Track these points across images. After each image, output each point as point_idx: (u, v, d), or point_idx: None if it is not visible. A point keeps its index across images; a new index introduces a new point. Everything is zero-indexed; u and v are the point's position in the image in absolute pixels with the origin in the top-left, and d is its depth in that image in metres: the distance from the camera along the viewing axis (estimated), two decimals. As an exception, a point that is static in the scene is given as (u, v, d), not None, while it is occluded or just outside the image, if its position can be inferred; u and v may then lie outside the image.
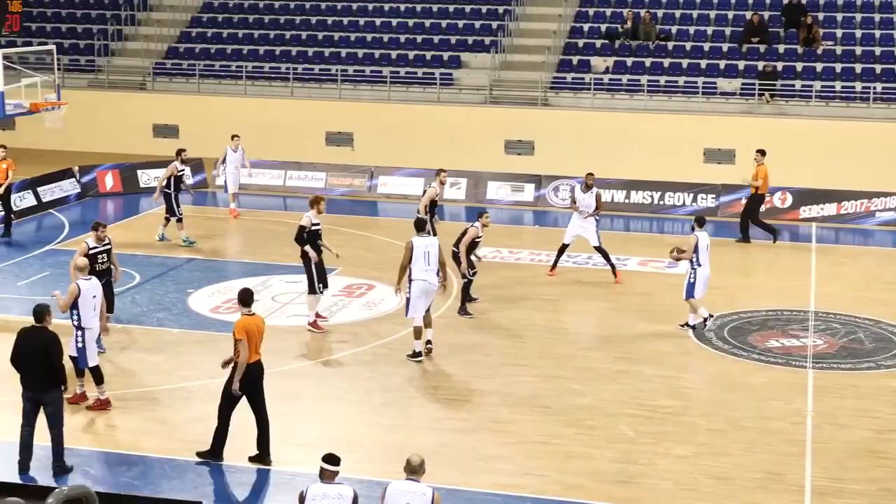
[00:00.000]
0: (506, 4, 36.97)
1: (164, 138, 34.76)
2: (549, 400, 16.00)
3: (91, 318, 15.22)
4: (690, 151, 31.48)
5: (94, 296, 15.27)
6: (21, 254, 23.48)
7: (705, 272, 19.28)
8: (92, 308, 15.19)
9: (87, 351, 15.20)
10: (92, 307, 15.19)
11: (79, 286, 15.17)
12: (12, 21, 22.18)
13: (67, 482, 12.92)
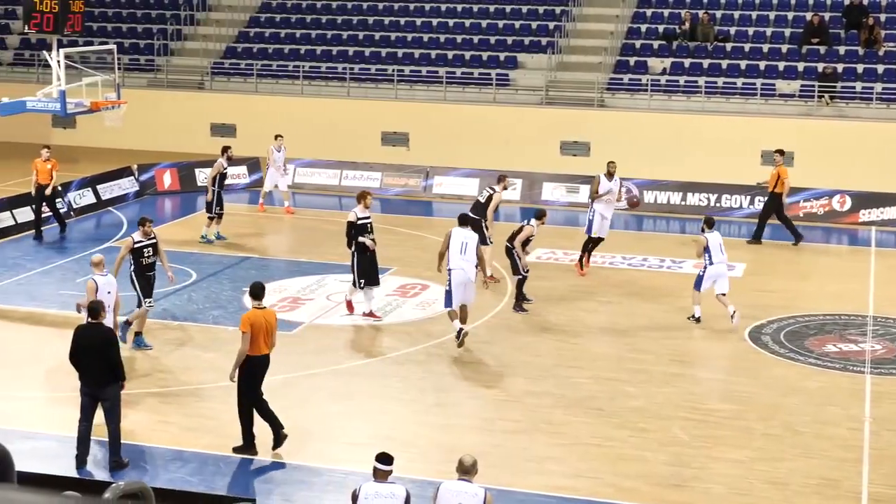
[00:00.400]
0: (563, 5, 36.88)
1: (222, 137, 35.00)
2: (603, 402, 15.94)
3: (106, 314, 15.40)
4: (748, 153, 31.21)
5: (109, 292, 15.55)
6: (79, 251, 23.75)
7: (716, 270, 19.61)
8: (105, 304, 15.37)
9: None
10: (105, 303, 15.37)
11: (95, 282, 15.40)
12: (74, 21, 22.41)
13: (123, 477, 13.06)
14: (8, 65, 38.57)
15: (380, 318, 19.59)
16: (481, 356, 17.76)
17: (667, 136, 31.86)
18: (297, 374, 16.81)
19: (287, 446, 14.14)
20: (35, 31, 22.92)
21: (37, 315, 19.64)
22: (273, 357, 17.29)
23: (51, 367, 16.89)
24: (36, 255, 23.74)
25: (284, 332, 18.67)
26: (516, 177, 30.10)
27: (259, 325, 13.69)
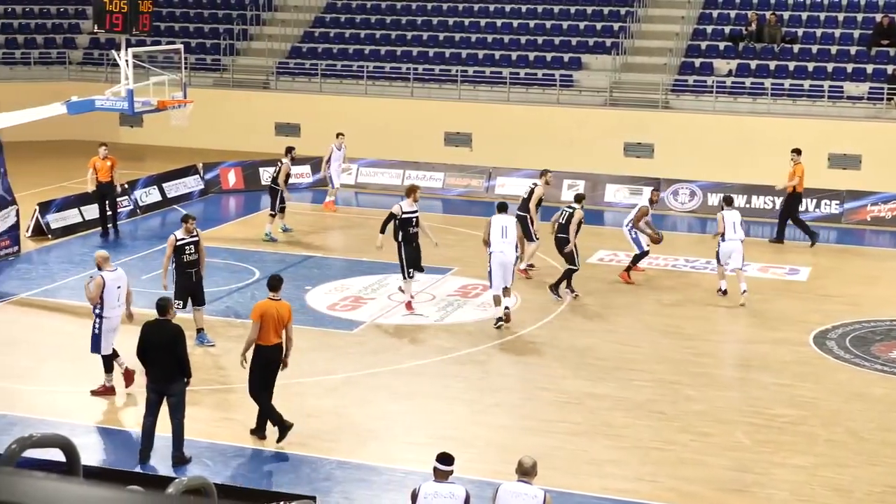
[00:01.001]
0: (628, 6, 36.70)
1: (286, 137, 35.24)
2: (664, 405, 15.84)
3: (113, 308, 15.66)
4: (814, 156, 30.82)
5: (119, 286, 15.72)
6: (145, 248, 24.02)
7: (728, 246, 20.97)
8: (115, 298, 15.63)
9: (101, 339, 15.67)
10: (115, 297, 15.63)
11: (103, 278, 15.62)
12: (143, 21, 22.67)
13: (186, 473, 13.19)
14: (77, 64, 39.12)
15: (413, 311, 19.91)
16: (542, 358, 17.73)
17: (731, 139, 31.58)
18: (358, 373, 16.88)
19: (348, 445, 14.22)
20: (104, 30, 23.21)
21: (103, 311, 19.87)
22: (333, 356, 17.39)
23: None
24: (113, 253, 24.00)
25: (345, 332, 18.81)
26: (579, 178, 30.00)
27: (269, 316, 13.92)
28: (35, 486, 1.41)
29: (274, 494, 11.35)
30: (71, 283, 21.43)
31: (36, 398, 15.78)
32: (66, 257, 23.20)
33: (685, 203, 28.63)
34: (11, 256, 23.06)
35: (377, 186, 31.08)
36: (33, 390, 15.98)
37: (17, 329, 18.82)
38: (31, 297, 20.51)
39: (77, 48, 39.78)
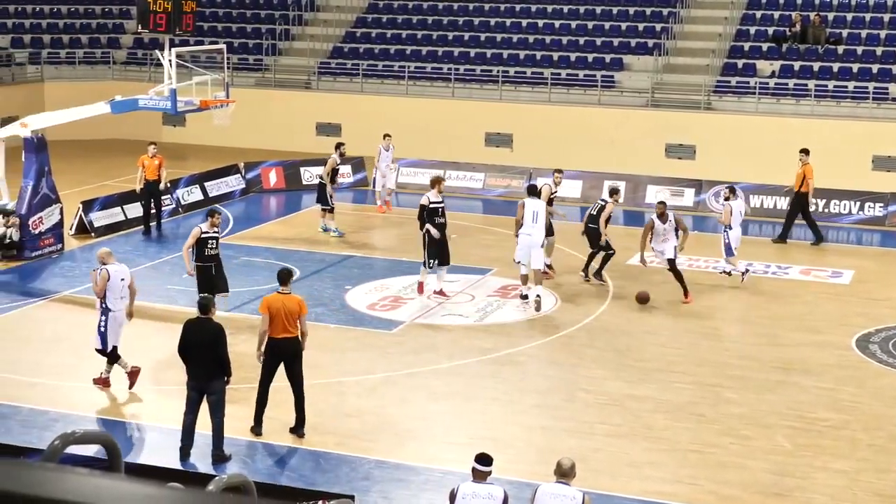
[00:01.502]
0: (670, 7, 36.55)
1: (327, 136, 35.39)
2: (704, 408, 15.76)
3: (117, 302, 15.79)
4: (858, 158, 30.61)
5: (122, 279, 15.85)
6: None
7: (735, 234, 22.05)
8: (119, 291, 15.75)
9: (108, 334, 15.81)
10: (119, 290, 15.76)
11: (108, 272, 15.75)
12: (186, 20, 22.82)
13: (226, 470, 13.26)
14: (121, 63, 39.43)
15: (448, 296, 20.54)
16: (581, 359, 17.69)
17: (774, 140, 31.36)
18: (397, 372, 16.91)
19: (386, 444, 14.25)
20: (148, 30, 23.38)
21: (144, 309, 20.01)
22: (373, 355, 17.41)
23: (157, 359, 17.23)
24: (145, 249, 24.23)
25: (385, 331, 18.84)
26: (620, 179, 29.89)
27: (277, 309, 14.03)
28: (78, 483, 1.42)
29: (313, 493, 11.39)
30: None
31: (78, 395, 15.92)
32: (108, 255, 23.39)
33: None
34: (55, 254, 23.28)
35: (417, 186, 31.06)
36: (75, 387, 16.13)
37: (60, 326, 19.00)
38: (74, 295, 20.69)
39: (121, 48, 40.10)
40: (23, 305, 20.14)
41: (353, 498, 11.61)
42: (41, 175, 23.07)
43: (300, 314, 14.15)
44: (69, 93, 35.03)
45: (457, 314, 19.88)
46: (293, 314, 14.08)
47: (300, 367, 14.31)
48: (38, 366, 16.96)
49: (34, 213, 22.88)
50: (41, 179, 23.07)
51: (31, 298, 20.63)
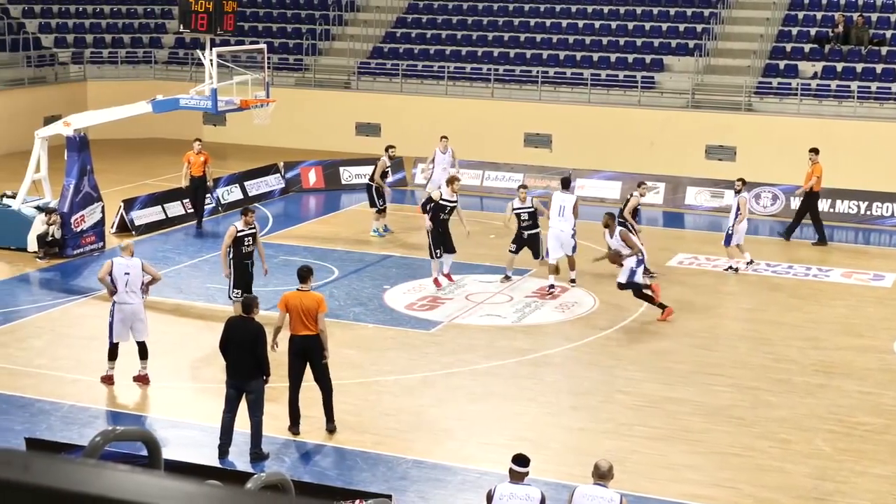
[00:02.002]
0: (711, 8, 36.36)
1: (366, 136, 35.50)
2: (743, 411, 15.67)
3: (121, 295, 15.85)
4: (901, 160, 30.32)
5: (126, 272, 15.87)
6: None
7: (744, 226, 22.81)
8: (123, 284, 15.79)
9: (112, 327, 15.94)
10: (123, 283, 15.79)
11: (112, 262, 15.98)
12: (227, 20, 22.94)
13: (264, 469, 13.32)
14: (163, 63, 39.70)
15: (454, 281, 21.22)
16: (619, 360, 17.63)
17: (816, 142, 31.02)
18: (435, 373, 16.92)
19: (423, 444, 14.26)
20: (190, 30, 23.52)
21: (184, 307, 20.17)
22: (411, 355, 17.44)
23: (196, 357, 17.33)
24: (185, 248, 24.37)
25: (423, 331, 18.86)
26: (659, 180, 29.78)
27: (294, 306, 14.11)
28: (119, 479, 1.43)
29: (350, 492, 11.41)
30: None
31: (118, 392, 16.04)
32: (149, 254, 23.52)
33: (767, 207, 28.28)
34: (96, 252, 23.47)
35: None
36: (117, 384, 16.23)
37: (100, 323, 19.11)
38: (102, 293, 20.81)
39: (163, 48, 40.37)
40: (64, 303, 20.32)
41: (390, 497, 11.63)
42: (83, 174, 23.27)
43: (318, 312, 14.19)
44: (111, 92, 35.32)
45: (495, 315, 19.87)
46: (310, 311, 14.12)
47: (324, 365, 14.33)
48: (79, 362, 17.11)
49: (76, 211, 23.07)
50: (83, 178, 23.26)
51: (72, 296, 20.81)
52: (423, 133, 34.36)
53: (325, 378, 14.39)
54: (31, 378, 16.44)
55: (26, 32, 38.62)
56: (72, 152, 23.16)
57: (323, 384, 14.40)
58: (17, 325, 18.96)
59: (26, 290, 21.43)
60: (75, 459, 1.48)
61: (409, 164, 31.43)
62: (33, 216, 23.16)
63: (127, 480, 1.44)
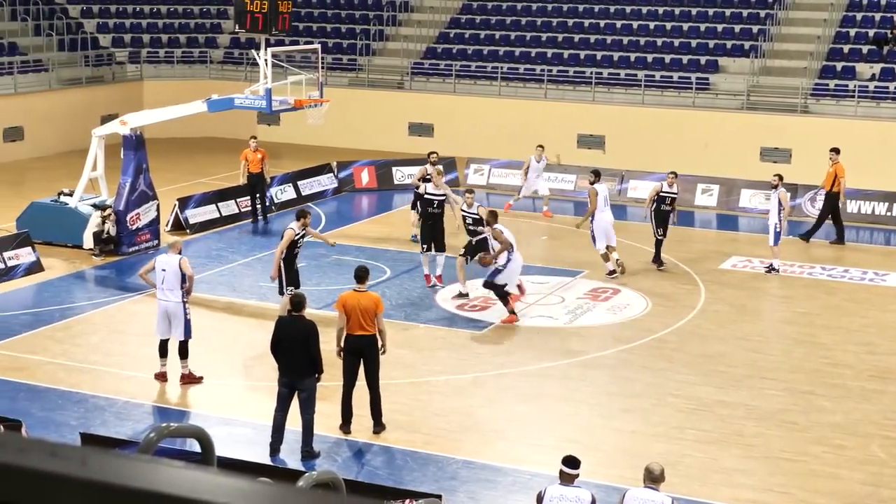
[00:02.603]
0: (768, 9, 36.06)
1: (419, 137, 35.55)
2: (797, 415, 15.52)
3: (159, 292, 16.09)
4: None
5: (164, 269, 16.02)
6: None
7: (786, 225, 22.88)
8: (160, 281, 15.98)
9: (157, 324, 16.15)
10: (160, 280, 15.98)
11: (154, 260, 16.34)
12: (282, 20, 23.08)
13: (315, 467, 13.38)
14: (218, 63, 39.99)
15: (443, 284, 21.31)
16: (672, 363, 17.52)
17: (873, 145, 30.78)
18: (487, 373, 16.92)
19: (474, 445, 14.26)
20: (245, 30, 23.68)
21: (237, 305, 20.30)
22: (462, 355, 17.45)
23: (248, 355, 17.44)
24: (238, 246, 24.53)
25: (474, 332, 18.85)
26: (713, 182, 29.58)
27: (352, 306, 14.12)
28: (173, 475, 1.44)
29: (400, 492, 11.44)
30: (206, 277, 21.89)
31: (171, 389, 16.18)
32: (202, 252, 23.72)
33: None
34: (151, 250, 23.68)
35: (508, 188, 31.04)
36: (169, 381, 16.37)
37: (154, 321, 19.29)
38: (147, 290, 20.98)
39: (218, 47, 40.67)
40: (119, 300, 20.52)
41: (440, 497, 11.64)
42: (139, 172, 23.49)
43: (376, 312, 14.22)
44: (167, 91, 35.64)
45: (546, 316, 19.83)
46: (368, 312, 14.15)
47: (376, 366, 14.35)
48: (134, 359, 17.28)
49: (131, 209, 23.30)
50: (139, 176, 23.49)
51: (127, 293, 21.01)
52: (476, 134, 34.39)
53: (375, 380, 14.41)
54: (87, 374, 16.63)
55: (84, 32, 39.07)
56: (128, 151, 23.39)
57: (372, 386, 14.42)
58: (72, 322, 19.18)
59: (82, 287, 21.67)
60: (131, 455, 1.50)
61: (461, 164, 31.44)
62: (89, 214, 23.42)
63: (181, 477, 1.45)
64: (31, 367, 16.88)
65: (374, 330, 14.22)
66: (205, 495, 1.41)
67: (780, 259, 22.86)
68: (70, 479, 1.42)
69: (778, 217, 22.59)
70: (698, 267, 23.08)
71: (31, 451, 1.45)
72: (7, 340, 18.07)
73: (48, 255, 22.40)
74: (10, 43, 36.01)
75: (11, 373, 16.53)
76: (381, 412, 14.55)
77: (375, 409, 14.52)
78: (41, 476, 1.43)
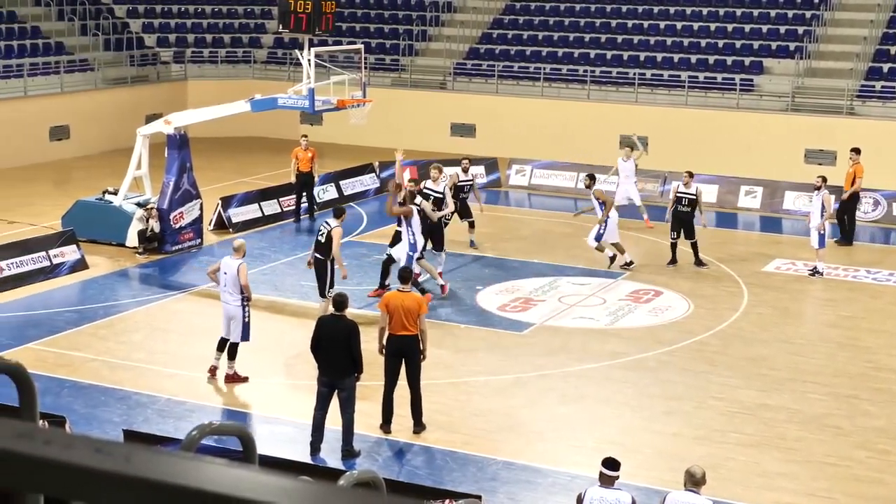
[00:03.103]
0: (814, 9, 35.78)
1: (461, 137, 35.56)
2: (840, 420, 15.39)
3: (221, 293, 16.34)
4: None
5: (225, 272, 16.18)
6: (322, 244, 24.45)
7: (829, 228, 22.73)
8: (222, 284, 16.23)
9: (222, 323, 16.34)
10: (222, 283, 16.23)
11: (220, 262, 16.50)
12: (325, 21, 23.15)
13: (355, 466, 13.42)
14: (262, 62, 40.19)
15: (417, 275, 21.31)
16: (714, 366, 17.42)
17: (920, 147, 30.44)
18: (528, 374, 16.89)
19: (514, 446, 14.25)
20: (289, 30, 23.78)
21: (279, 304, 20.39)
22: (502, 356, 17.44)
23: (290, 355, 17.51)
24: (280, 245, 24.63)
25: (515, 333, 18.83)
26: (757, 184, 29.39)
27: (395, 307, 14.17)
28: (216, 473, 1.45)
29: (440, 492, 11.44)
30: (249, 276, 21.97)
31: (214, 386, 16.27)
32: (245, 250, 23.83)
33: (868, 213, 27.73)
34: (194, 249, 23.84)
35: (550, 188, 30.99)
36: (211, 379, 16.47)
37: (198, 319, 19.44)
38: (212, 289, 21.12)
39: (262, 47, 40.87)
40: (162, 298, 20.67)
41: (480, 498, 11.63)
42: (183, 171, 23.65)
43: (419, 313, 14.24)
44: (211, 91, 35.86)
45: (587, 317, 19.78)
46: (412, 312, 14.18)
47: (418, 366, 14.37)
48: (176, 357, 17.40)
49: (175, 208, 23.46)
50: (182, 175, 23.65)
51: (170, 291, 21.16)
52: (518, 134, 34.35)
53: (416, 380, 14.43)
54: (130, 371, 16.76)
55: (130, 32, 39.38)
56: (172, 150, 23.56)
57: (413, 386, 14.45)
58: (116, 319, 19.34)
59: (126, 285, 21.85)
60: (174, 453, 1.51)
61: (503, 165, 31.42)
62: (133, 212, 23.61)
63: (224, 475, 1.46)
64: (74, 363, 17.04)
65: (417, 330, 14.25)
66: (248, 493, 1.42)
67: (823, 262, 22.64)
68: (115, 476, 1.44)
69: (821, 219, 22.36)
70: (741, 269, 22.93)
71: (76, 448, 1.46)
72: (52, 337, 18.26)
73: (92, 253, 22.59)
74: (56, 42, 36.37)
75: (56, 369, 16.69)
76: (422, 412, 14.56)
77: (416, 409, 14.54)
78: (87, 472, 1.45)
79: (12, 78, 33.60)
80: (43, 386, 15.50)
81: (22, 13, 36.90)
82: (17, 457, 1.48)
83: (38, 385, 2.15)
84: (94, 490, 1.45)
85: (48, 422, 12.14)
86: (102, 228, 23.75)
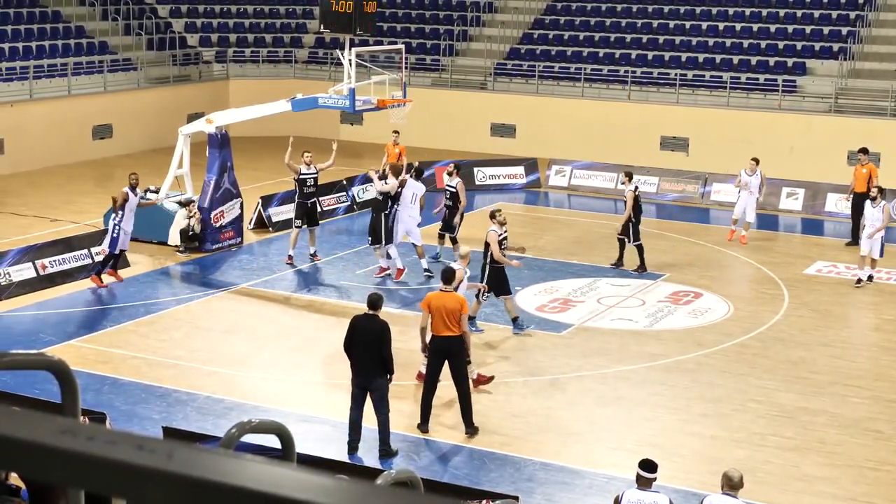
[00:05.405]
0: (858, 10, 35.48)
1: (501, 137, 35.53)
2: (882, 424, 15.26)
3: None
4: None
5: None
6: (359, 244, 24.52)
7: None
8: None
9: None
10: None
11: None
12: (366, 21, 23.21)
13: (392, 466, 13.45)
14: (303, 62, 40.33)
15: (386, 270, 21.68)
16: (753, 369, 17.33)
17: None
18: (566, 375, 16.87)
19: (551, 447, 14.23)
20: (330, 30, 23.85)
21: (317, 303, 20.47)
22: (541, 357, 17.42)
23: (328, 353, 17.56)
24: (319, 244, 24.68)
25: (553, 333, 18.80)
26: (799, 187, 29.18)
27: (437, 307, 14.18)
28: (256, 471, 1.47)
29: (478, 492, 11.45)
30: (289, 275, 22.11)
31: (252, 385, 16.36)
32: (284, 250, 23.89)
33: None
34: (234, 247, 23.97)
35: (589, 189, 30.91)
36: (250, 377, 16.57)
37: (237, 317, 19.55)
38: (251, 287, 21.26)
39: (303, 47, 41.02)
40: (203, 296, 20.80)
41: (517, 498, 11.64)
42: (224, 170, 23.78)
43: (461, 313, 14.23)
44: (252, 90, 36.04)
45: (626, 319, 19.72)
46: (454, 313, 14.16)
47: (463, 366, 14.36)
48: (216, 355, 17.50)
49: (216, 206, 23.60)
50: (223, 174, 23.78)
51: (210, 289, 21.29)
52: (558, 135, 34.29)
53: (462, 381, 14.41)
54: (170, 369, 16.88)
55: (173, 32, 39.65)
56: (213, 149, 23.69)
57: (460, 386, 14.42)
58: (156, 317, 19.48)
59: (166, 283, 21.99)
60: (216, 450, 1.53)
61: (543, 165, 31.37)
62: (175, 211, 23.76)
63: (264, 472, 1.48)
64: (115, 360, 17.18)
65: (459, 331, 14.24)
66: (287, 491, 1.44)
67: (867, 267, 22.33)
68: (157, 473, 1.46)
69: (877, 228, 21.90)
70: (782, 271, 22.78)
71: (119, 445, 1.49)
72: (93, 334, 18.42)
73: (134, 252, 22.74)
74: (100, 42, 36.67)
75: (97, 366, 16.83)
76: (472, 414, 14.51)
77: (466, 411, 14.45)
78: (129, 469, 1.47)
79: (56, 77, 33.90)
80: (84, 383, 15.64)
81: (66, 13, 37.23)
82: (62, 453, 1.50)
83: (79, 382, 2.18)
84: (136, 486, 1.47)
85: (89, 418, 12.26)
86: (144, 226, 23.88)
